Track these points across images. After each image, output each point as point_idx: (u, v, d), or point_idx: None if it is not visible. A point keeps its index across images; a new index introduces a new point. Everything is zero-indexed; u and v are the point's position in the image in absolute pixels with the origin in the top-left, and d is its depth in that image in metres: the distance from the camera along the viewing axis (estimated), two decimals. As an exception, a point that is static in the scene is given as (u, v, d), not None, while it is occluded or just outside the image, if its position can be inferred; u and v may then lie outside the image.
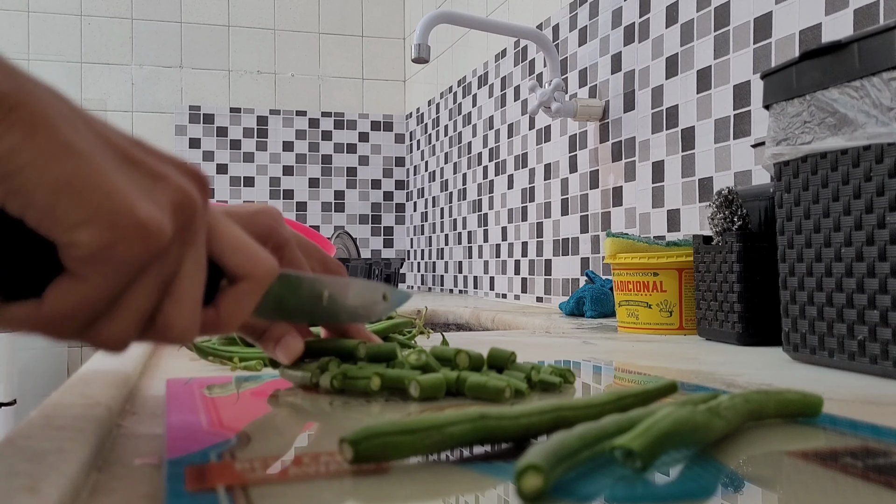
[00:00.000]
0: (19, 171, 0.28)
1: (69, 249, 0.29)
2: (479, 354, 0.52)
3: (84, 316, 0.31)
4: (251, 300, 0.37)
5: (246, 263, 0.37)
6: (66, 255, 0.30)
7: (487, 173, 2.13)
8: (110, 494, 0.29)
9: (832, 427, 0.39)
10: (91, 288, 0.30)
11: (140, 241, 0.30)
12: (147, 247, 0.30)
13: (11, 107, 0.28)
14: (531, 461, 0.26)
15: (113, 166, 0.30)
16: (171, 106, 2.73)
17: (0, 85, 0.27)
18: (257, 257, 0.37)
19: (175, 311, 0.34)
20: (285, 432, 0.40)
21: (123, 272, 0.31)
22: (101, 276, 0.30)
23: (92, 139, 0.30)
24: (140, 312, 0.33)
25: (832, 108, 0.62)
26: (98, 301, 0.31)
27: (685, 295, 0.95)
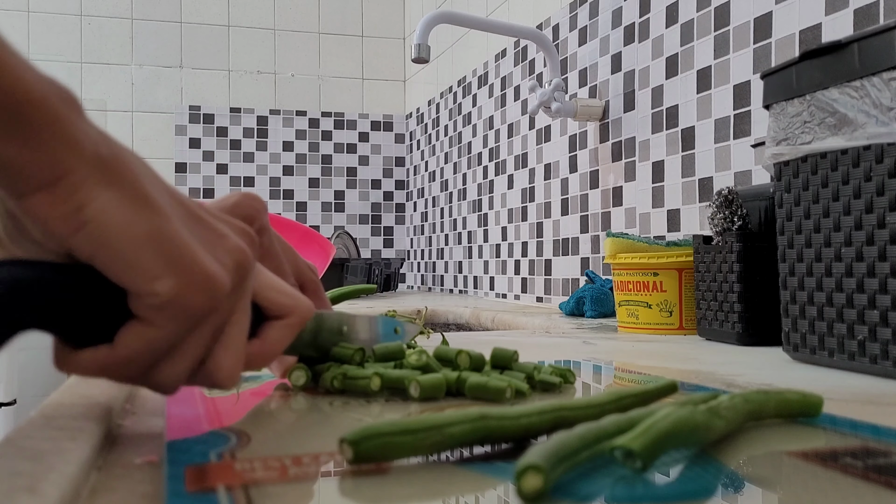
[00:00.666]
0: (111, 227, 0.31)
1: (147, 298, 0.32)
2: (479, 355, 0.52)
3: (151, 359, 0.34)
4: (292, 333, 0.41)
5: (291, 302, 0.41)
6: (141, 303, 0.33)
7: (487, 173, 2.13)
8: (110, 494, 0.29)
9: (832, 427, 0.39)
10: (161, 333, 0.33)
11: (207, 293, 0.33)
12: (212, 299, 0.34)
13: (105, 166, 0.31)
14: (531, 461, 0.26)
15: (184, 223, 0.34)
16: (171, 106, 2.73)
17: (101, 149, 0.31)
18: (298, 296, 0.41)
19: (224, 356, 0.37)
20: (285, 432, 0.40)
21: (188, 320, 0.34)
22: (170, 322, 0.33)
23: (166, 197, 0.34)
24: (196, 357, 0.36)
25: (832, 108, 0.62)
26: (164, 345, 0.34)
27: (685, 295, 0.95)
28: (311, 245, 1.31)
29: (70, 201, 0.31)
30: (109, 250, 0.31)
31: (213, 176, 2.76)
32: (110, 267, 0.32)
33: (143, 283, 0.32)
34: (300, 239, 1.30)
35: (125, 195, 0.32)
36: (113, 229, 0.31)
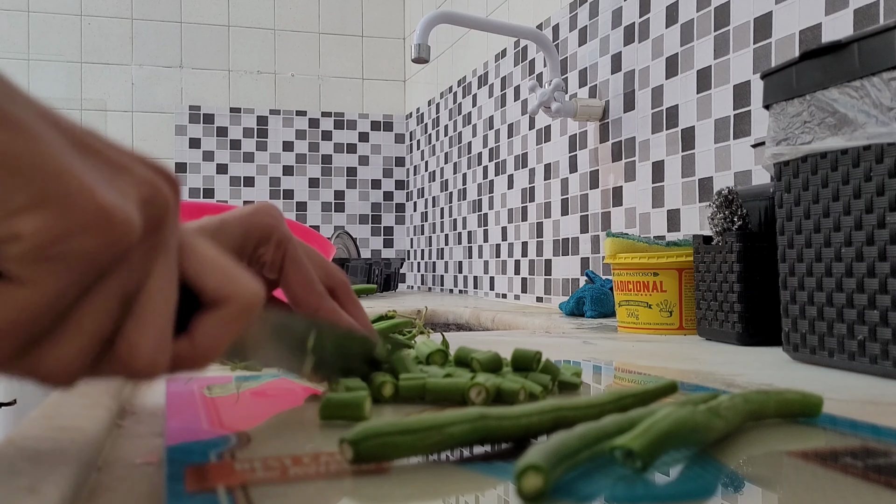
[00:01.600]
0: None
1: (8, 244, 0.23)
2: (494, 355, 0.51)
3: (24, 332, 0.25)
4: (232, 329, 0.30)
5: (228, 285, 0.30)
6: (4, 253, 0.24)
7: (487, 173, 2.13)
8: (110, 494, 0.29)
9: (832, 427, 0.39)
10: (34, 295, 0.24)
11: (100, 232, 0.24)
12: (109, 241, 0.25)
13: None
14: (531, 461, 0.26)
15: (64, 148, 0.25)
16: (171, 106, 2.73)
17: None
18: (240, 279, 0.30)
19: (140, 336, 0.27)
20: (285, 432, 0.40)
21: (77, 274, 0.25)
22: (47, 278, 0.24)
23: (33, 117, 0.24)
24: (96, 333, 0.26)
25: (832, 108, 0.62)
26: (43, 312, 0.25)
27: (685, 295, 0.95)
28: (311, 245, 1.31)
29: None
30: None
31: (213, 176, 2.76)
32: None
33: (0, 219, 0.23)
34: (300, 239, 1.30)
35: None
36: None
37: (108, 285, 0.26)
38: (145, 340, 0.27)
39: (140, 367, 0.28)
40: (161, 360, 0.28)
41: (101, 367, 0.28)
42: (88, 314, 0.26)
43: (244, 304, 0.30)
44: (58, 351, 0.26)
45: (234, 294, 0.30)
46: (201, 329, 0.30)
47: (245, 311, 0.30)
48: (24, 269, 0.24)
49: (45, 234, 0.23)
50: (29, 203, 0.23)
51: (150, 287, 0.28)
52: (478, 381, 0.44)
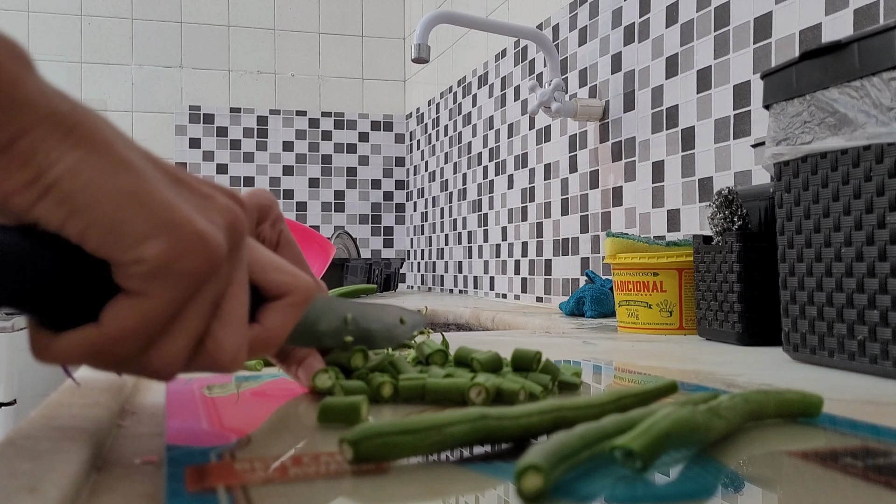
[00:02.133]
0: (83, 188, 0.28)
1: (134, 266, 0.29)
2: (494, 355, 0.51)
3: (144, 336, 0.30)
4: (295, 315, 0.37)
5: (290, 279, 0.37)
6: (129, 273, 0.29)
7: (487, 173, 2.13)
8: (110, 494, 0.29)
9: (832, 427, 0.39)
10: (155, 304, 0.30)
11: (201, 254, 0.30)
12: (207, 261, 0.30)
13: (72, 126, 0.28)
14: (531, 461, 0.26)
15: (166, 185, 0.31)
16: (171, 106, 2.73)
17: (59, 105, 0.28)
18: (298, 274, 0.38)
19: (225, 333, 0.33)
20: (285, 432, 0.39)
21: (184, 287, 0.30)
22: (163, 291, 0.30)
23: (143, 160, 0.31)
24: (195, 332, 0.32)
25: (832, 108, 0.62)
26: (160, 319, 0.30)
27: (685, 295, 0.95)
28: (311, 245, 1.31)
29: (29, 165, 0.27)
30: (83, 215, 0.28)
31: (213, 176, 2.76)
32: (87, 234, 0.28)
33: (128, 248, 0.29)
34: (300, 239, 1.30)
35: (94, 154, 0.28)
36: (85, 191, 0.28)
37: (203, 294, 0.32)
38: (229, 337, 0.33)
39: (225, 360, 0.33)
40: (242, 352, 0.34)
41: (195, 362, 0.33)
42: (190, 318, 0.32)
43: (305, 292, 0.37)
44: (166, 350, 0.31)
45: (296, 285, 0.37)
46: (271, 316, 0.37)
47: (305, 298, 0.37)
48: (144, 285, 0.30)
49: (162, 256, 0.29)
50: (150, 233, 0.29)
51: (230, 292, 0.33)
52: (478, 381, 0.44)
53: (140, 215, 0.29)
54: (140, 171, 0.29)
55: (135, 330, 0.30)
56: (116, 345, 0.30)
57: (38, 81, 0.28)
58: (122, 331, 0.30)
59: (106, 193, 0.28)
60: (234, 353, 0.33)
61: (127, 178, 0.29)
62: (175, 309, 0.31)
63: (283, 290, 0.37)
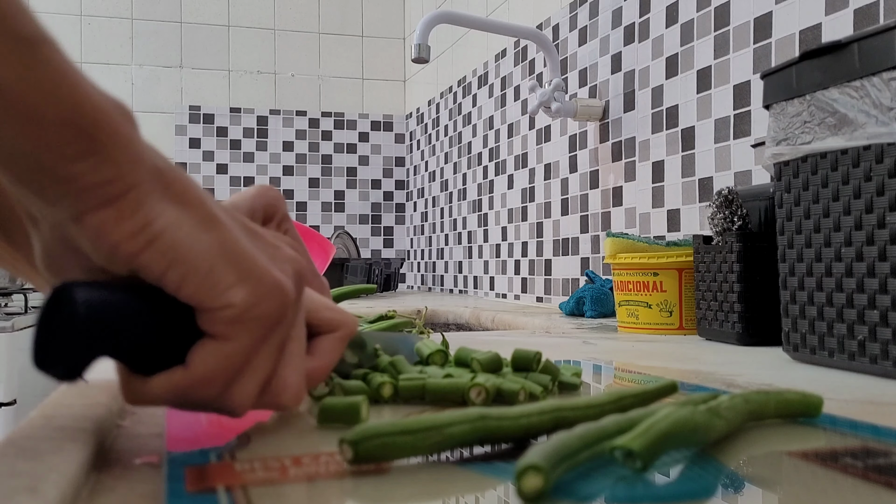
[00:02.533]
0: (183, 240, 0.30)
1: (222, 311, 0.32)
2: (494, 355, 0.51)
3: (227, 377, 0.33)
4: (342, 347, 0.41)
5: (339, 316, 0.41)
6: (216, 318, 0.32)
7: (487, 173, 2.13)
8: (110, 494, 0.29)
9: (832, 427, 0.39)
10: (237, 347, 0.32)
11: (277, 300, 0.33)
12: (281, 306, 0.33)
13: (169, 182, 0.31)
14: (531, 461, 0.26)
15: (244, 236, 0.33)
16: (171, 106, 2.73)
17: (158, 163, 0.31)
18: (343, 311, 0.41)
19: (289, 373, 0.35)
20: (285, 432, 0.39)
21: (262, 331, 0.33)
22: (245, 334, 0.32)
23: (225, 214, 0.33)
24: (265, 374, 0.34)
25: (832, 108, 0.62)
26: (241, 360, 0.33)
27: (685, 295, 0.95)
28: (311, 245, 1.31)
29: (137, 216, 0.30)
30: (182, 265, 0.31)
31: (213, 176, 2.76)
32: (184, 282, 0.31)
33: (217, 295, 0.31)
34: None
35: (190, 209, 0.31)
36: (184, 243, 0.31)
37: (274, 337, 0.34)
38: (292, 376, 0.36)
39: (289, 397, 0.36)
40: (303, 389, 0.37)
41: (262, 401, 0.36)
42: (263, 360, 0.34)
43: (351, 328, 0.42)
44: (242, 389, 0.34)
45: (345, 320, 0.41)
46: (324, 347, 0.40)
47: (351, 333, 0.42)
48: (230, 329, 0.32)
49: (247, 302, 0.32)
50: (237, 281, 0.32)
51: (293, 334, 0.36)
52: (478, 381, 0.44)
53: (230, 266, 0.32)
54: (227, 226, 0.32)
55: (219, 371, 0.33)
56: (203, 386, 0.33)
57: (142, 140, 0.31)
58: (209, 372, 0.32)
59: (201, 246, 0.31)
60: (297, 390, 0.36)
61: (218, 233, 0.32)
62: (254, 350, 0.33)
63: (334, 326, 0.41)
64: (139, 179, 0.30)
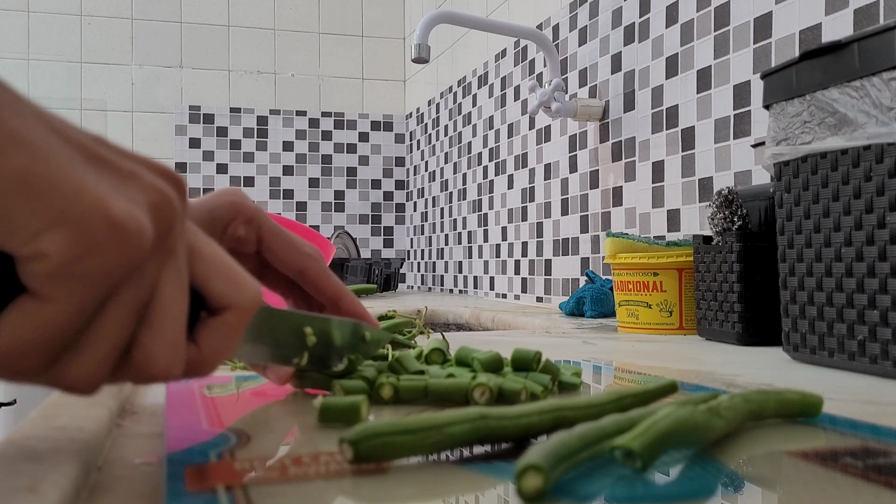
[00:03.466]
0: None
1: (32, 263, 0.24)
2: (495, 355, 0.51)
3: (50, 347, 0.26)
4: (234, 334, 0.32)
5: (232, 290, 0.31)
6: (28, 272, 0.25)
7: (487, 173, 2.13)
8: (110, 494, 0.29)
9: (832, 427, 0.39)
10: (60, 311, 0.25)
11: (117, 246, 0.25)
12: (125, 254, 0.26)
13: None
14: (531, 461, 0.26)
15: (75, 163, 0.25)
16: (171, 106, 2.73)
17: None
18: (243, 283, 0.32)
19: (155, 344, 0.28)
20: (285, 432, 0.39)
21: (97, 288, 0.26)
22: (70, 294, 0.25)
23: (46, 133, 0.25)
24: (115, 343, 0.27)
25: (832, 108, 0.62)
26: (67, 327, 0.26)
27: (685, 295, 0.95)
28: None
29: None
30: None
31: (213, 176, 2.76)
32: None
33: (21, 242, 0.24)
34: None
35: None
36: None
37: (123, 297, 0.27)
38: (160, 348, 0.28)
39: (156, 373, 0.29)
40: (176, 365, 0.29)
41: (119, 374, 0.29)
42: (106, 327, 0.27)
43: (245, 310, 0.32)
44: (80, 362, 0.27)
45: (237, 301, 0.31)
46: (206, 335, 0.31)
47: (246, 316, 0.32)
48: (46, 287, 0.25)
49: (64, 253, 0.24)
50: (49, 223, 0.24)
51: (161, 294, 0.28)
52: (481, 381, 0.44)
53: (34, 202, 0.24)
54: (36, 149, 0.24)
55: (37, 341, 0.25)
56: (18, 357, 0.26)
57: None
58: (21, 342, 0.25)
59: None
60: (167, 364, 0.29)
61: (17, 158, 0.24)
62: (86, 315, 0.26)
63: (224, 302, 0.31)
64: None
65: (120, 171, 0.27)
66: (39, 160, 0.24)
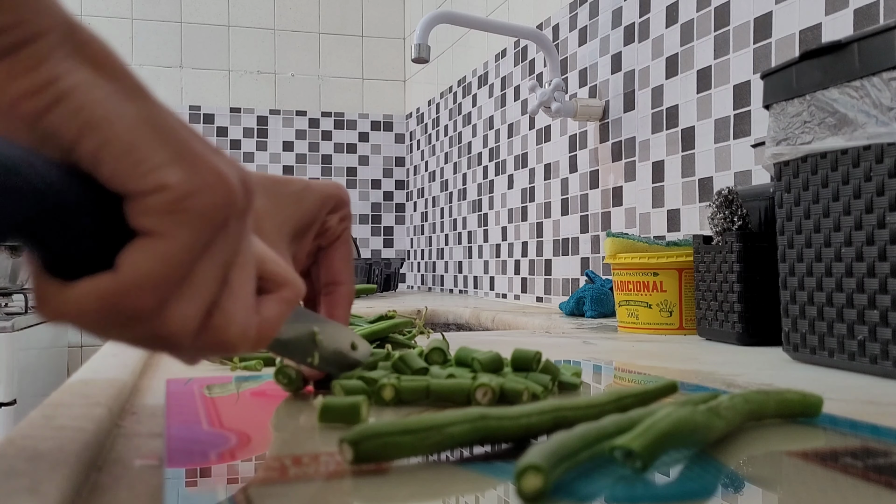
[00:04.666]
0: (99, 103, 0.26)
1: (154, 196, 0.26)
2: (495, 355, 0.51)
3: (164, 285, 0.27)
4: (287, 310, 0.35)
5: (288, 274, 0.35)
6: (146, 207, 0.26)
7: (487, 173, 2.13)
8: (110, 494, 0.29)
9: (832, 427, 0.39)
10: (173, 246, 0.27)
11: (220, 192, 0.28)
12: (227, 201, 0.28)
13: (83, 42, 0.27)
14: (531, 461, 0.26)
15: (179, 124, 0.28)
16: (171, 106, 2.73)
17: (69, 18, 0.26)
18: (292, 271, 0.36)
19: (234, 306, 0.30)
20: (285, 432, 0.40)
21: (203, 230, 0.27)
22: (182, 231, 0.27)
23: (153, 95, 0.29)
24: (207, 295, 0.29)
25: (832, 108, 0.62)
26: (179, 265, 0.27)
27: (685, 295, 0.95)
28: None
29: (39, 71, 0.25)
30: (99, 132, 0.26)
31: (213, 176, 2.76)
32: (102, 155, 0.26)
33: (145, 173, 0.26)
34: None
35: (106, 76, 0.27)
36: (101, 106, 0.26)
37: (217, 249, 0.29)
38: (239, 311, 0.30)
39: (233, 336, 0.30)
40: (250, 330, 0.31)
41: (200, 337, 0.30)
42: (204, 277, 0.29)
43: (299, 290, 0.35)
44: (182, 308, 0.28)
45: (294, 280, 0.35)
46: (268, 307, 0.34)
47: (298, 296, 0.35)
48: (163, 222, 0.27)
49: (182, 186, 0.27)
50: (169, 160, 0.27)
51: (239, 262, 0.30)
52: (483, 381, 0.44)
53: (159, 141, 0.27)
54: (156, 101, 0.28)
55: (154, 276, 0.27)
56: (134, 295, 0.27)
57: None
58: (141, 277, 0.27)
59: (122, 113, 0.26)
60: (243, 330, 0.31)
61: (144, 104, 0.27)
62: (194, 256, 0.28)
63: (280, 282, 0.35)
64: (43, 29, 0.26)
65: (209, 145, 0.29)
66: (162, 111, 0.28)
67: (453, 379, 0.46)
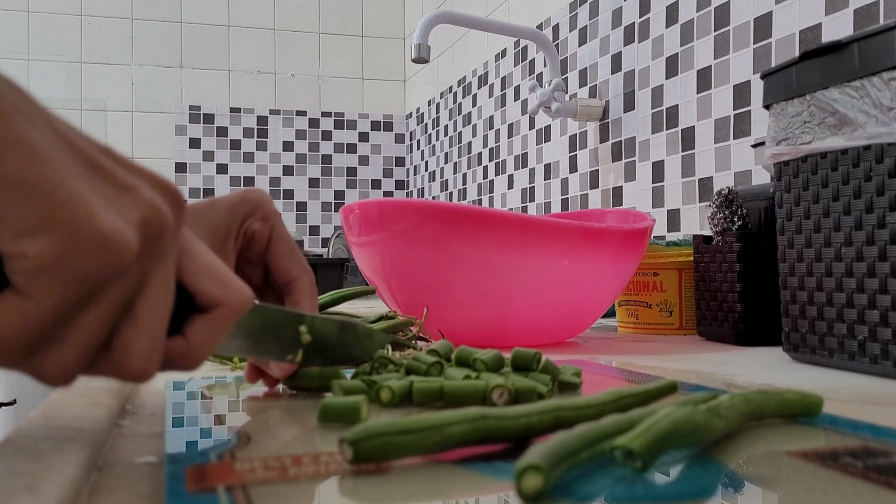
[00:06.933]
0: None
1: (16, 261, 0.26)
2: (497, 355, 0.51)
3: (27, 340, 0.27)
4: (222, 330, 0.33)
5: (220, 289, 0.33)
6: (12, 268, 0.26)
7: (487, 173, 2.13)
8: (110, 494, 0.29)
9: (832, 427, 0.39)
10: (38, 307, 0.26)
11: (100, 254, 0.27)
12: (107, 262, 0.27)
13: None
14: (531, 461, 0.26)
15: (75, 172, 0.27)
16: (171, 106, 2.73)
17: None
18: (232, 283, 0.33)
19: (135, 337, 0.30)
20: (285, 432, 0.39)
21: (77, 290, 0.27)
22: (49, 292, 0.26)
23: (52, 139, 0.27)
24: (91, 340, 0.29)
25: (832, 108, 0.62)
26: (45, 323, 0.27)
27: (685, 295, 0.95)
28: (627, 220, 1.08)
29: None
30: None
31: (213, 176, 2.76)
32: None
33: (8, 240, 0.25)
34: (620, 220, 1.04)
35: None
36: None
37: (105, 296, 0.28)
38: (140, 340, 0.30)
39: (134, 367, 0.30)
40: (154, 361, 0.31)
41: (96, 367, 0.30)
42: (87, 323, 0.28)
43: (234, 308, 0.33)
44: (58, 356, 0.28)
45: (225, 299, 0.33)
46: (194, 330, 0.33)
47: (234, 314, 0.34)
48: (28, 283, 0.26)
49: (47, 255, 0.26)
50: (36, 226, 0.25)
51: (146, 293, 0.30)
52: (499, 382, 0.44)
53: (27, 205, 0.25)
54: (39, 155, 0.26)
55: (16, 333, 0.27)
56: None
57: None
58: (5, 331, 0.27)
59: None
60: (144, 360, 0.30)
61: (19, 161, 0.25)
62: (65, 312, 0.27)
63: (212, 301, 0.33)
64: None
65: (118, 183, 0.28)
66: (39, 165, 0.26)
67: (468, 380, 0.45)
